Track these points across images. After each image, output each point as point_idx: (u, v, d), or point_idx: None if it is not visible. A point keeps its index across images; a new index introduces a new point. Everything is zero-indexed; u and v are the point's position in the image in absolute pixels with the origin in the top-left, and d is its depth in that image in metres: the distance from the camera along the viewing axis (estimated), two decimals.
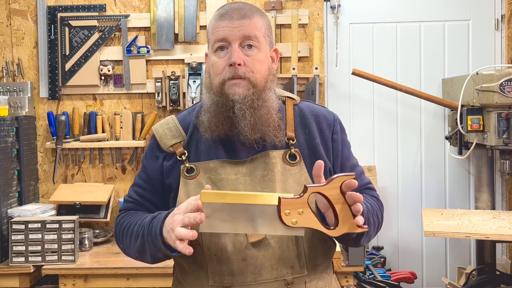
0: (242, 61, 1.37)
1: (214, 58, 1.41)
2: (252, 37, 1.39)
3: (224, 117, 1.39)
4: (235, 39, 1.38)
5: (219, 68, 1.39)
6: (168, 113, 3.19)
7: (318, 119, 1.50)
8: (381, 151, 3.30)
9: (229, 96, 1.38)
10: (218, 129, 1.40)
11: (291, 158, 1.43)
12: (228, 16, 1.39)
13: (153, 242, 1.34)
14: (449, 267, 3.30)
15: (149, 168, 1.50)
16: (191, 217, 1.22)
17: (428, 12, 3.26)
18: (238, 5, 1.42)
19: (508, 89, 2.60)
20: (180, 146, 1.46)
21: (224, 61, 1.39)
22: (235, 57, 1.36)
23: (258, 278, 1.38)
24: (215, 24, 1.41)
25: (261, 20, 1.42)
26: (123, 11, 3.21)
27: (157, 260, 1.41)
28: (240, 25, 1.38)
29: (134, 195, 1.53)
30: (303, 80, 3.16)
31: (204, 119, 1.43)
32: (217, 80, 1.39)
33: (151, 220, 1.37)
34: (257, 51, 1.40)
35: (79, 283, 2.66)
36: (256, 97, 1.38)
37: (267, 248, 1.38)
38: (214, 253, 1.39)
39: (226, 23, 1.38)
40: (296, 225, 1.21)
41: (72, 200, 3.05)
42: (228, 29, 1.38)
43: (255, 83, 1.38)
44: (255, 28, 1.39)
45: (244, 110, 1.37)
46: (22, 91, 3.14)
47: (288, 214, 1.20)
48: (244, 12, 1.39)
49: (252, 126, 1.38)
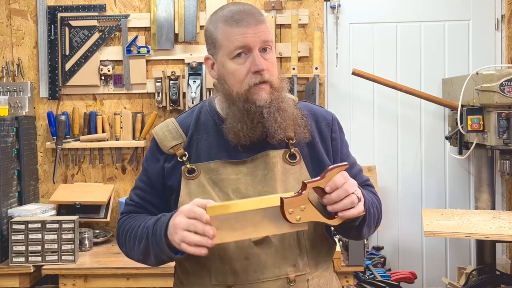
0: (266, 66, 1.39)
1: (233, 65, 1.40)
2: (269, 41, 1.41)
3: (257, 122, 1.40)
4: (255, 45, 1.38)
5: (241, 75, 1.39)
6: (168, 113, 3.19)
7: (317, 119, 1.51)
8: (381, 151, 3.30)
9: (256, 102, 1.39)
10: (254, 135, 1.41)
11: (291, 158, 1.44)
12: (245, 23, 1.38)
13: (157, 244, 1.34)
14: (449, 267, 3.30)
15: (150, 171, 1.51)
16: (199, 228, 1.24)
17: (428, 12, 3.26)
18: (247, 9, 1.41)
19: (508, 89, 2.60)
20: (180, 148, 1.46)
21: (246, 68, 1.39)
22: (261, 63, 1.38)
23: (261, 277, 1.39)
24: (231, 31, 1.38)
25: (268, 24, 1.44)
26: (123, 11, 3.21)
27: (161, 263, 1.42)
28: (259, 30, 1.38)
29: (136, 198, 1.53)
30: (303, 80, 3.16)
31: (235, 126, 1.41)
32: (241, 88, 1.39)
33: (155, 223, 1.37)
34: (272, 54, 1.42)
35: (79, 283, 2.66)
36: (280, 99, 1.41)
37: (270, 247, 1.39)
38: (217, 252, 1.39)
39: (244, 30, 1.37)
40: (300, 221, 1.27)
41: (72, 200, 3.05)
42: (249, 36, 1.37)
43: (275, 86, 1.41)
44: (269, 32, 1.42)
45: (274, 114, 1.39)
46: (22, 91, 3.14)
47: (292, 213, 1.26)
48: (258, 17, 1.40)
49: (284, 128, 1.41)
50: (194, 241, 1.25)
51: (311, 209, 1.27)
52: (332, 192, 1.27)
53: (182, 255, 1.34)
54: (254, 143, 1.42)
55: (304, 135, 1.45)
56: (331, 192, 1.27)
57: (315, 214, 1.28)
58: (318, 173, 1.43)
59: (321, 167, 1.45)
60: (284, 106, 1.41)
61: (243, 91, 1.39)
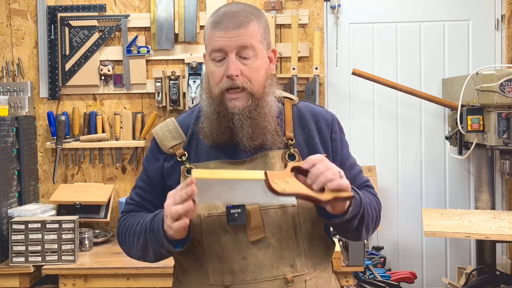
0: (239, 71, 1.37)
1: (211, 66, 1.41)
2: (248, 47, 1.38)
3: (225, 127, 1.41)
4: (231, 49, 1.37)
5: (217, 77, 1.40)
6: (168, 113, 3.19)
7: (317, 119, 1.51)
8: (381, 151, 3.30)
9: (228, 109, 1.39)
10: (219, 138, 1.42)
11: (290, 158, 1.44)
12: (223, 26, 1.37)
13: (155, 238, 1.35)
14: (449, 267, 3.30)
15: (150, 170, 1.52)
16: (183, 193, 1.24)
17: (428, 12, 3.26)
18: (233, 10, 1.39)
19: (508, 89, 2.60)
20: (180, 148, 1.47)
21: (222, 71, 1.39)
22: (232, 69, 1.36)
23: (259, 277, 1.39)
24: (211, 33, 1.39)
25: (257, 25, 1.40)
26: (123, 11, 3.21)
27: (160, 258, 1.42)
28: (236, 35, 1.36)
29: (136, 197, 1.54)
30: (303, 80, 3.16)
31: (204, 126, 1.44)
32: (216, 90, 1.40)
33: (153, 218, 1.38)
34: (253, 59, 1.39)
35: (79, 283, 2.66)
36: (254, 106, 1.39)
37: (267, 247, 1.39)
38: (215, 251, 1.40)
39: (221, 33, 1.37)
40: (286, 191, 1.27)
41: (72, 200, 3.05)
42: (224, 40, 1.37)
43: (253, 92, 1.39)
44: (251, 36, 1.38)
45: (242, 121, 1.39)
46: (22, 91, 3.14)
47: (276, 183, 1.26)
48: (240, 20, 1.37)
49: (250, 135, 1.40)
50: (177, 210, 1.25)
51: (296, 181, 1.29)
52: (312, 168, 1.28)
53: (181, 247, 1.35)
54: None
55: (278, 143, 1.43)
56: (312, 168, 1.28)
57: (300, 186, 1.29)
58: None
59: None
60: (257, 114, 1.39)
61: (217, 94, 1.40)
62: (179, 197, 1.25)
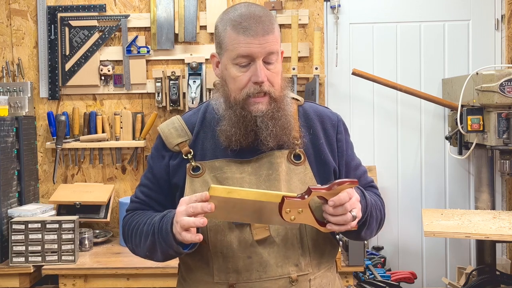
0: (266, 77, 1.38)
1: (235, 71, 1.39)
2: (275, 53, 1.39)
3: (249, 130, 1.41)
4: (260, 56, 1.37)
5: (241, 82, 1.39)
6: (168, 113, 3.19)
7: (323, 120, 1.52)
8: (381, 151, 3.30)
9: (252, 112, 1.40)
10: (244, 141, 1.42)
11: (295, 158, 1.45)
12: (252, 32, 1.35)
13: (164, 240, 1.35)
14: (449, 267, 3.30)
15: (155, 168, 1.51)
16: (198, 207, 1.26)
17: (428, 12, 3.26)
18: (257, 14, 1.38)
19: (508, 89, 2.60)
20: (185, 145, 1.47)
21: (247, 76, 1.38)
22: (262, 76, 1.37)
23: (263, 276, 1.40)
24: (236, 38, 1.37)
25: (278, 30, 1.41)
26: (123, 11, 3.21)
27: (168, 258, 1.43)
28: (265, 42, 1.36)
29: (141, 196, 1.54)
30: (303, 80, 3.16)
31: (227, 130, 1.42)
32: (240, 95, 1.40)
33: (161, 219, 1.38)
34: (276, 64, 1.41)
35: (79, 283, 2.66)
36: (276, 109, 1.41)
37: (272, 246, 1.40)
38: (220, 250, 1.40)
39: (251, 39, 1.35)
40: (294, 221, 1.31)
41: (72, 200, 3.05)
42: (254, 46, 1.36)
43: (275, 96, 1.40)
44: (277, 42, 1.40)
45: (267, 122, 1.40)
46: (22, 91, 3.14)
47: (288, 212, 1.29)
48: (267, 26, 1.37)
49: (274, 135, 1.41)
50: (189, 223, 1.27)
51: (308, 214, 1.31)
52: (330, 208, 1.29)
53: (191, 249, 1.36)
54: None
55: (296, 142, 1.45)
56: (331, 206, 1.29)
57: (309, 219, 1.32)
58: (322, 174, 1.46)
59: (326, 168, 1.47)
60: (279, 115, 1.41)
61: (241, 99, 1.39)
62: (192, 209, 1.27)
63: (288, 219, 1.29)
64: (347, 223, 1.30)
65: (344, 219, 1.30)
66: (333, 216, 1.30)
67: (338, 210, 1.29)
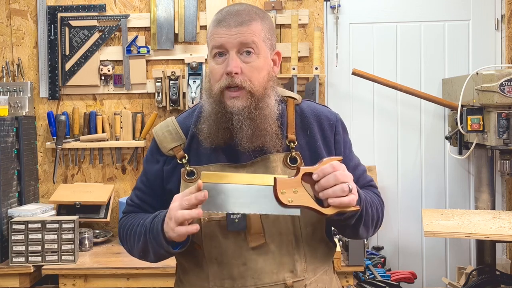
0: (240, 69, 1.35)
1: (212, 64, 1.40)
2: (249, 44, 1.36)
3: (223, 128, 1.38)
4: (232, 46, 1.35)
5: (217, 75, 1.38)
6: (168, 113, 3.19)
7: (320, 120, 1.49)
8: (381, 151, 3.30)
9: (227, 108, 1.37)
10: (218, 139, 1.40)
11: (291, 161, 1.42)
12: (225, 23, 1.36)
13: (155, 239, 1.34)
14: (449, 267, 3.30)
15: (149, 172, 1.51)
16: (192, 198, 1.24)
17: (428, 12, 3.26)
18: (237, 9, 1.39)
19: (508, 89, 2.60)
20: (180, 150, 1.45)
21: (222, 68, 1.37)
22: (231, 66, 1.35)
23: (258, 282, 1.38)
24: (213, 30, 1.38)
25: (260, 24, 1.39)
26: (123, 11, 3.21)
27: (161, 258, 1.42)
28: (237, 32, 1.35)
29: (135, 199, 1.54)
30: (303, 80, 3.15)
31: (203, 127, 1.41)
32: (215, 88, 1.38)
33: (153, 219, 1.38)
34: (255, 58, 1.37)
35: (79, 283, 2.66)
36: (254, 107, 1.37)
37: (267, 253, 1.38)
38: (215, 256, 1.39)
39: (223, 30, 1.36)
40: (292, 203, 1.26)
41: (72, 200, 3.05)
42: (225, 36, 1.35)
43: (252, 92, 1.37)
44: (253, 34, 1.36)
45: (242, 122, 1.36)
46: (22, 91, 3.14)
47: (284, 193, 1.26)
48: (242, 18, 1.36)
49: (250, 137, 1.37)
50: (183, 215, 1.25)
51: (304, 193, 1.27)
52: (321, 179, 1.25)
53: (181, 249, 1.35)
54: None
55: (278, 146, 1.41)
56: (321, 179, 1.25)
57: (307, 199, 1.27)
58: None
59: None
60: (256, 114, 1.37)
61: (218, 92, 1.38)
62: (187, 201, 1.25)
63: (286, 201, 1.25)
64: (345, 193, 1.25)
65: (340, 188, 1.24)
66: (327, 189, 1.25)
67: (328, 180, 1.24)
